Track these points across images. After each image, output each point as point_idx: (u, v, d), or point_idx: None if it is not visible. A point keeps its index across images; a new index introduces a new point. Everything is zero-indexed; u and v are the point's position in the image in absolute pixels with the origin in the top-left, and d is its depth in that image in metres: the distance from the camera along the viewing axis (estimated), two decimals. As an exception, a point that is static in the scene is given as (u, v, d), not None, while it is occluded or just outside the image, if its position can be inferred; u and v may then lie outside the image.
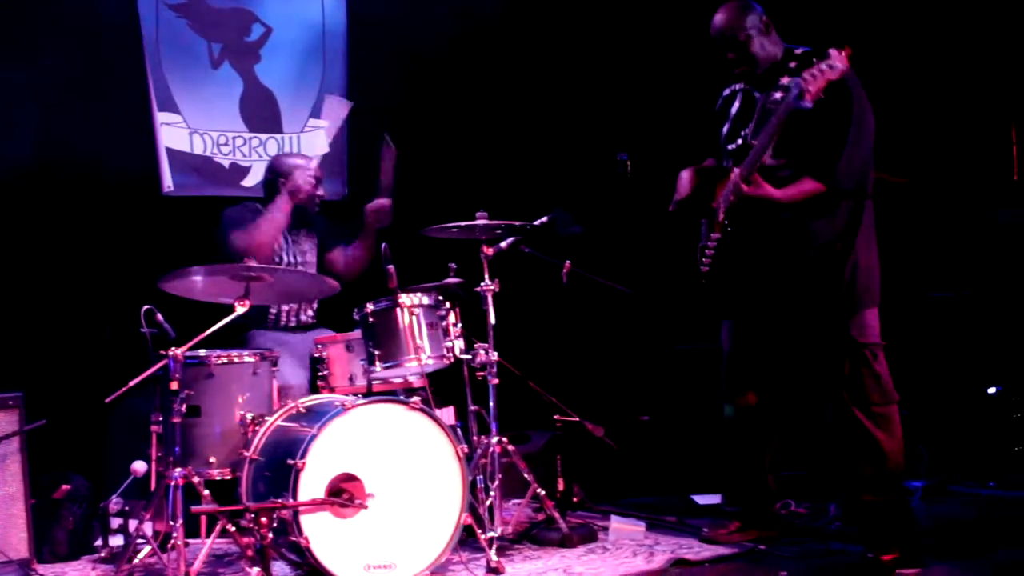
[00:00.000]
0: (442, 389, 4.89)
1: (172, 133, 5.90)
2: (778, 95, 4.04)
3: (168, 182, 5.87)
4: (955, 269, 6.38)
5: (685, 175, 4.39)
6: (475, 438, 4.77)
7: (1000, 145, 6.77)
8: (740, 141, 4.26)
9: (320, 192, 5.20)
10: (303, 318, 5.19)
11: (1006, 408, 5.80)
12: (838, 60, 3.75)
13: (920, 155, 6.43)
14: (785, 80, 4.01)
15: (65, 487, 4.62)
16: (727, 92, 4.49)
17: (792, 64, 4.09)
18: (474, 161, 6.52)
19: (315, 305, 5.25)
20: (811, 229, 4.06)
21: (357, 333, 4.66)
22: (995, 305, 6.08)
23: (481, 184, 6.19)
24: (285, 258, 5.14)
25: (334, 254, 5.28)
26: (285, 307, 5.13)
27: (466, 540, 4.30)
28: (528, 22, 6.73)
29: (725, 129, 4.42)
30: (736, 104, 4.40)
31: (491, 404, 4.59)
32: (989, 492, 5.37)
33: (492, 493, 4.47)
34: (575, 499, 5.17)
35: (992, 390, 5.88)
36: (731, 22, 4.21)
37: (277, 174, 5.17)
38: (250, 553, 3.92)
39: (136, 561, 4.25)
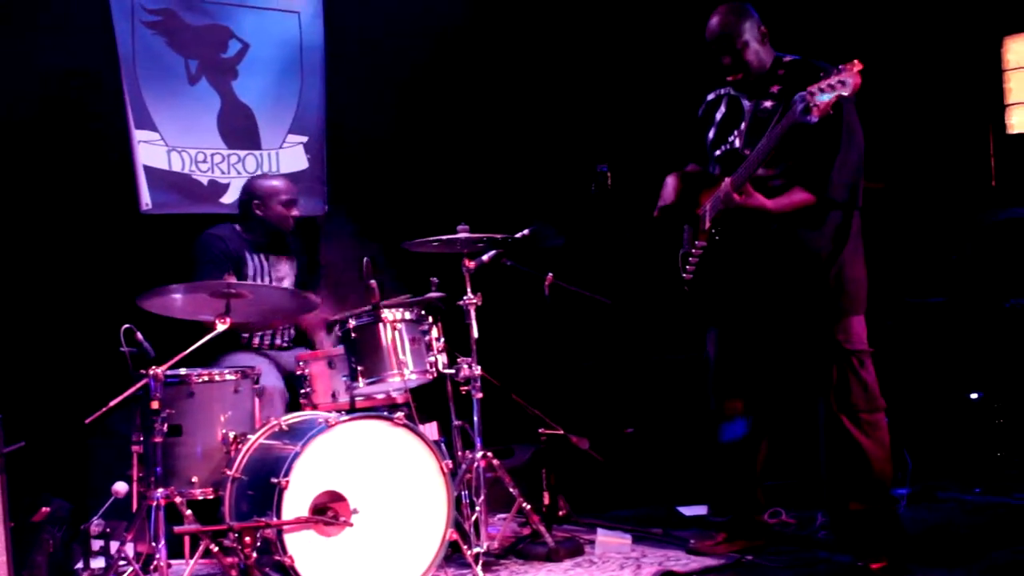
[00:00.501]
0: (425, 404, 4.86)
1: (149, 151, 5.86)
2: (769, 104, 4.05)
3: (146, 200, 5.82)
4: (933, 274, 6.40)
5: (670, 181, 4.39)
6: (459, 453, 4.74)
7: (978, 151, 6.80)
8: (727, 147, 4.25)
9: (295, 213, 5.18)
10: (278, 341, 5.16)
11: (988, 414, 5.81)
12: (849, 76, 3.61)
13: (897, 161, 6.45)
14: (775, 89, 4.02)
15: (45, 509, 4.54)
16: (711, 97, 4.48)
17: (780, 72, 4.10)
18: (455, 174, 6.51)
19: (292, 331, 5.23)
20: (800, 238, 4.06)
21: (339, 349, 4.64)
22: (974, 310, 6.09)
23: (462, 197, 6.18)
24: (262, 281, 5.11)
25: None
26: (259, 332, 5.12)
27: (452, 556, 4.29)
28: (506, 35, 6.74)
29: (711, 134, 4.41)
30: (721, 109, 4.39)
31: (475, 418, 4.57)
32: (974, 498, 5.37)
33: (477, 508, 4.46)
34: (561, 512, 5.14)
35: (974, 396, 5.89)
36: (728, 26, 4.18)
37: (252, 196, 5.16)
38: (234, 573, 3.90)
39: (119, 584, 4.20)
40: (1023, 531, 4.67)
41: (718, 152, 4.34)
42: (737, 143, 4.23)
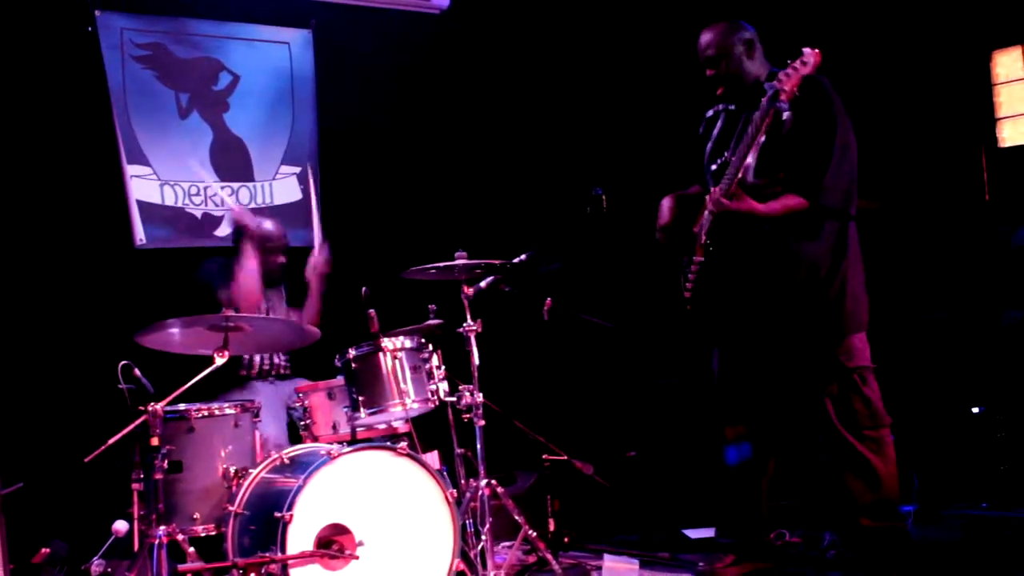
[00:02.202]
0: (426, 432, 4.82)
1: (142, 185, 5.84)
2: (759, 115, 4.03)
3: (140, 235, 5.80)
4: (931, 290, 6.39)
5: (666, 202, 4.38)
6: (463, 481, 4.70)
7: (970, 166, 6.81)
8: (721, 160, 4.24)
9: (281, 260, 5.22)
10: (276, 360, 5.15)
11: (990, 428, 5.78)
12: (810, 56, 3.83)
13: (891, 178, 6.45)
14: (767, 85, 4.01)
15: (44, 550, 4.50)
16: (710, 114, 4.48)
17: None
18: (450, 201, 6.50)
19: (287, 357, 5.21)
20: (796, 251, 4.04)
21: (339, 380, 4.60)
22: (973, 324, 6.08)
23: (458, 224, 6.17)
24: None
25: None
26: (257, 357, 5.09)
27: (460, 587, 4.23)
28: (499, 60, 6.75)
29: (708, 149, 4.41)
30: (719, 125, 4.39)
31: (478, 446, 4.53)
32: (981, 513, 5.34)
33: (483, 537, 4.41)
34: (566, 539, 5.10)
35: (976, 410, 5.86)
36: (717, 41, 4.21)
37: (242, 236, 5.16)
38: (239, 610, 3.83)
39: (121, 624, 4.15)
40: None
41: (713, 167, 4.33)
42: (728, 154, 4.22)
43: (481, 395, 4.55)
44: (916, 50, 6.66)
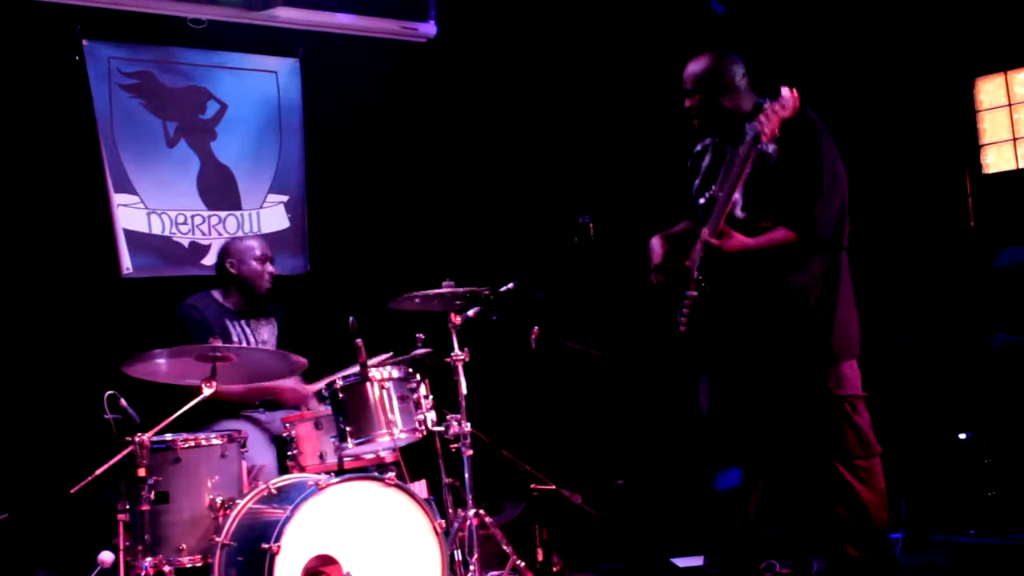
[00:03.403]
0: (414, 461, 4.81)
1: (129, 214, 5.83)
2: (743, 149, 4.04)
3: (127, 264, 5.78)
4: (915, 316, 6.41)
5: (655, 241, 4.36)
6: (450, 511, 4.69)
7: (954, 192, 6.84)
8: (708, 194, 4.24)
9: (270, 269, 5.14)
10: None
11: (977, 454, 5.79)
12: (789, 98, 3.81)
13: (874, 203, 6.48)
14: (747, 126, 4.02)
15: (30, 582, 4.48)
16: (699, 148, 4.49)
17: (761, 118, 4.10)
18: (437, 230, 6.51)
19: None
20: (785, 280, 4.04)
21: (326, 410, 4.59)
22: (959, 349, 6.10)
23: (446, 253, 6.18)
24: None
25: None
26: None
27: (448, 617, 4.20)
28: (486, 89, 6.77)
29: (696, 184, 4.41)
30: (707, 159, 4.39)
31: (466, 475, 4.52)
32: (969, 540, 5.34)
33: (471, 567, 4.40)
34: (555, 568, 5.08)
35: (962, 436, 5.87)
36: (703, 72, 4.19)
37: (226, 255, 5.14)
38: (226, 643, 3.81)
39: (107, 657, 4.12)
40: (1020, 573, 4.64)
41: (701, 200, 4.33)
42: (715, 189, 4.22)
43: (469, 424, 4.55)
44: (900, 77, 6.71)
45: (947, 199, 6.82)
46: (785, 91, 3.85)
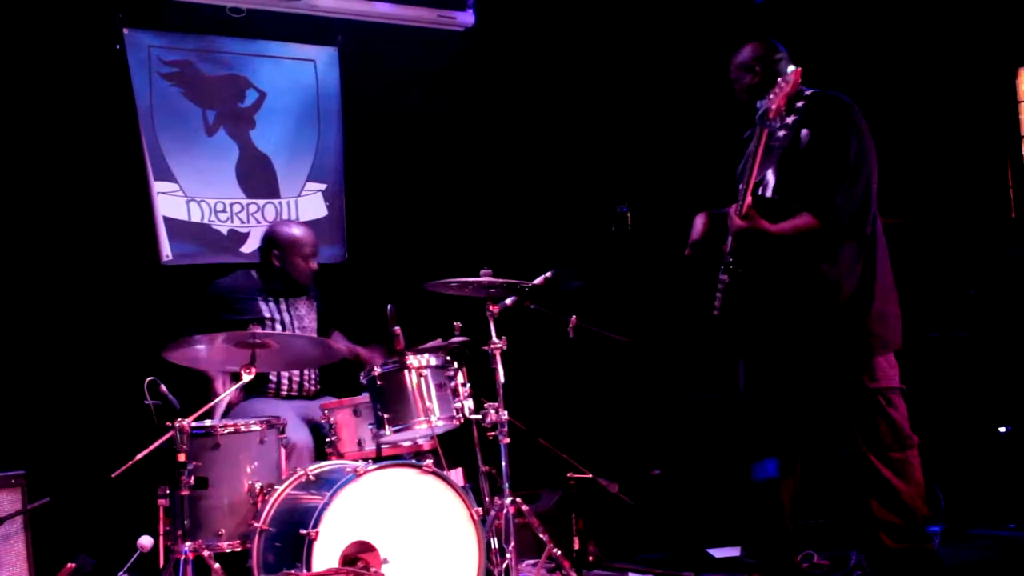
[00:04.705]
0: (451, 449, 4.82)
1: (169, 202, 5.87)
2: (782, 133, 4.02)
3: (167, 252, 5.82)
4: (956, 308, 6.35)
5: (699, 219, 4.37)
6: (487, 499, 4.69)
7: (996, 183, 6.78)
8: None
9: (314, 266, 5.15)
10: (307, 386, 5.11)
11: (1017, 447, 5.74)
12: (791, 75, 3.85)
13: (915, 195, 6.43)
14: (791, 119, 3.99)
15: (70, 565, 4.51)
16: (748, 134, 4.47)
17: (799, 104, 4.07)
18: (475, 218, 6.51)
19: (317, 374, 5.18)
20: (817, 271, 4.01)
21: (364, 397, 4.60)
22: (1000, 343, 6.04)
23: (483, 242, 6.18)
24: (280, 327, 5.06)
25: (335, 337, 5.20)
26: (286, 376, 5.05)
27: (484, 605, 4.21)
28: (525, 78, 6.76)
29: (739, 168, 4.40)
30: (752, 144, 4.38)
31: (503, 464, 4.51)
32: (1009, 534, 5.29)
33: (508, 555, 4.40)
34: (591, 557, 5.08)
35: (1003, 429, 5.82)
36: (749, 59, 4.24)
37: (271, 246, 5.14)
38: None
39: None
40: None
41: (741, 185, 4.32)
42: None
43: (506, 413, 4.54)
44: (942, 68, 6.64)
45: (989, 190, 6.76)
46: (791, 68, 3.93)
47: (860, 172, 4.00)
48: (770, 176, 4.04)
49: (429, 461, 4.12)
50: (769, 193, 4.05)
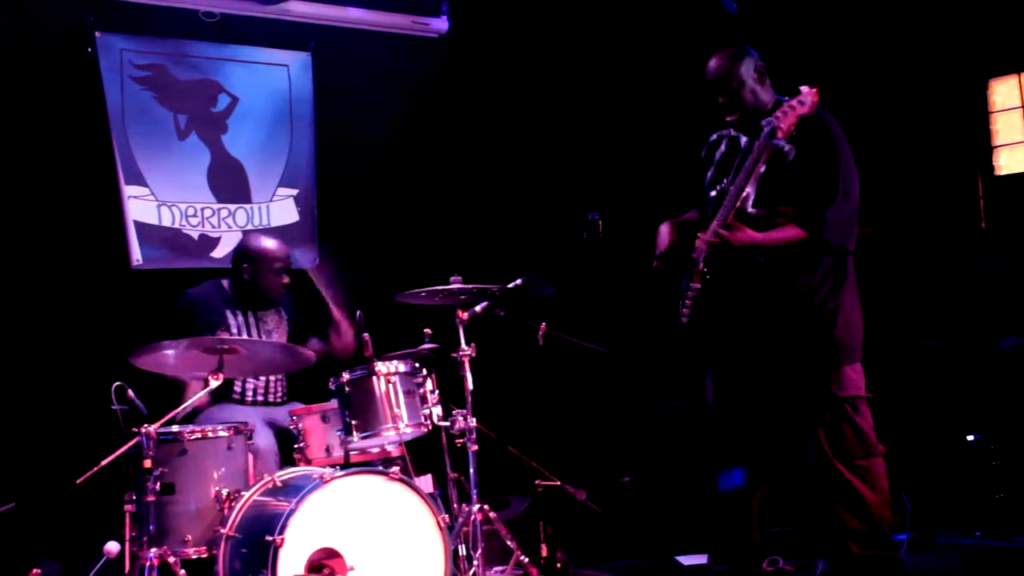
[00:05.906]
0: (420, 456, 4.81)
1: (140, 206, 5.84)
2: (757, 144, 4.03)
3: (137, 256, 5.80)
4: (925, 317, 6.39)
5: (664, 228, 4.38)
6: (455, 506, 4.69)
7: (966, 193, 6.82)
8: (720, 187, 4.24)
9: (285, 280, 5.10)
10: (272, 396, 5.07)
11: (985, 456, 5.78)
12: (808, 96, 3.84)
13: (886, 204, 6.47)
14: (763, 122, 4.01)
15: (36, 572, 4.48)
16: (713, 138, 4.48)
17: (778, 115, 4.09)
18: (447, 225, 6.51)
19: (284, 383, 5.15)
20: (791, 281, 4.04)
21: (332, 403, 4.60)
22: (968, 351, 6.08)
23: (454, 248, 6.18)
24: (249, 336, 5.02)
25: (311, 344, 5.15)
26: (251, 382, 5.02)
27: (450, 612, 4.21)
28: (496, 84, 6.77)
29: (709, 175, 4.41)
30: (721, 149, 4.38)
31: (471, 471, 4.52)
32: (975, 542, 5.32)
33: (475, 562, 4.40)
34: (559, 564, 5.08)
35: (971, 438, 5.85)
36: (725, 68, 4.20)
37: (242, 259, 5.08)
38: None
39: (111, 647, 4.14)
40: (1025, 576, 4.64)
41: (713, 192, 4.32)
42: (726, 182, 4.22)
43: (475, 420, 4.55)
44: (914, 77, 6.69)
45: (959, 200, 6.80)
46: (805, 88, 3.88)
47: (849, 189, 4.03)
48: (749, 189, 4.03)
49: (396, 468, 4.12)
50: (750, 206, 4.05)
